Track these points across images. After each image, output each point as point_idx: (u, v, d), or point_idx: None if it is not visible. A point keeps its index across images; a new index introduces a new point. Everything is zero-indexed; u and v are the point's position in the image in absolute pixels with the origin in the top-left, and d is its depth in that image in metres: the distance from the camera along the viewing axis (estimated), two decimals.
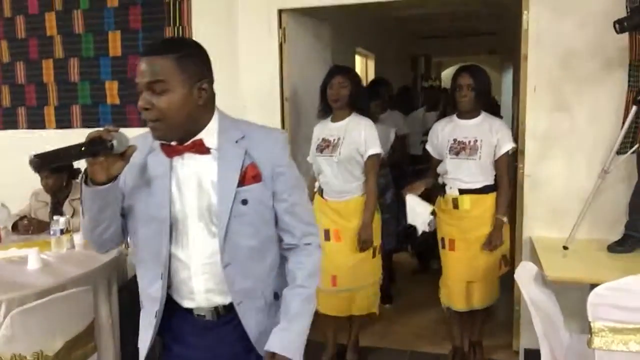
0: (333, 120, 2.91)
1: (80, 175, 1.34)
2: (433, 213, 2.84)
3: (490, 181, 2.82)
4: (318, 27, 3.69)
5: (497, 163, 2.80)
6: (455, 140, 2.83)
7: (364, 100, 2.92)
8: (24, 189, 3.33)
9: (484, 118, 2.82)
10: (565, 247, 2.64)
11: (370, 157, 2.83)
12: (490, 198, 2.82)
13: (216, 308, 1.44)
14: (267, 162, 1.41)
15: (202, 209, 1.39)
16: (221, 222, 1.37)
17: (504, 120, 3.13)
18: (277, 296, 1.49)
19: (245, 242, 1.40)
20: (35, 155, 1.20)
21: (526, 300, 2.13)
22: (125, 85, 3.77)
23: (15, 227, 3.20)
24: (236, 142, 1.40)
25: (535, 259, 2.61)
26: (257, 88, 3.34)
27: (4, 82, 4.09)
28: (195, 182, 1.39)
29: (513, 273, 2.20)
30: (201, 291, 1.42)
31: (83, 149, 1.22)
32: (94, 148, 1.23)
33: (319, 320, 2.93)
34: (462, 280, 2.88)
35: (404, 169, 4.14)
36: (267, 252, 1.47)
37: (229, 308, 1.44)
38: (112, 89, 3.83)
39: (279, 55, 3.29)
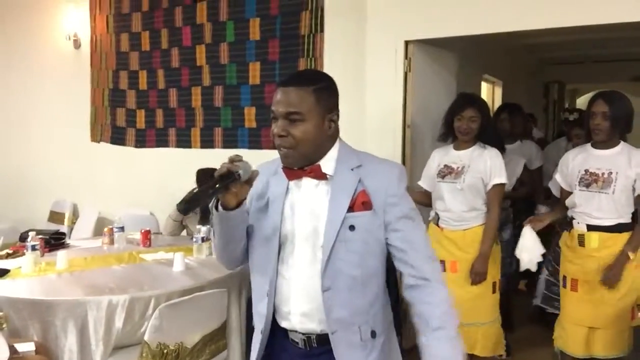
0: (456, 148, 2.91)
1: (212, 203, 1.43)
2: (543, 255, 2.72)
3: (625, 219, 2.58)
4: (444, 56, 3.77)
5: (637, 199, 2.58)
6: (586, 171, 2.64)
7: (490, 133, 2.90)
8: (175, 197, 3.76)
9: (622, 149, 2.61)
10: None
11: (494, 186, 2.79)
12: (623, 238, 2.57)
13: (309, 337, 1.45)
14: (380, 192, 1.42)
15: (310, 232, 1.43)
16: (326, 244, 1.40)
17: None
18: (374, 334, 1.46)
19: (349, 270, 1.41)
20: (181, 203, 1.32)
21: None
22: (262, 110, 4.13)
23: None
24: (352, 169, 1.44)
25: None
26: (380, 115, 3.50)
27: (158, 105, 4.66)
28: (307, 205, 1.45)
29: None
30: (297, 313, 1.44)
31: (217, 185, 1.33)
32: (225, 182, 1.34)
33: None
34: (582, 324, 2.66)
35: (530, 204, 3.80)
36: (369, 285, 1.45)
37: (323, 340, 1.44)
38: (250, 114, 4.21)
39: (404, 84, 3.42)
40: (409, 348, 2.85)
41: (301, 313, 1.44)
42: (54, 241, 3.36)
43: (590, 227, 2.61)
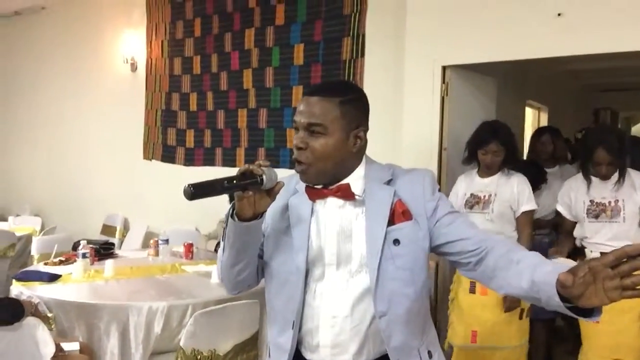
0: (481, 176, 2.92)
1: (228, 210, 1.31)
2: None
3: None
4: (482, 81, 3.81)
5: None
6: (592, 201, 2.65)
7: (515, 162, 2.91)
8: (219, 215, 3.91)
9: (627, 177, 2.61)
10: None
11: (523, 213, 2.79)
12: None
13: None
14: (418, 200, 1.33)
15: (342, 256, 1.32)
16: (371, 265, 1.28)
17: None
18: (431, 355, 1.38)
19: (402, 289, 1.30)
20: (190, 185, 1.19)
21: None
22: None
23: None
24: (384, 183, 1.35)
25: None
26: (417, 138, 3.56)
27: (207, 126, 4.89)
28: (336, 227, 1.33)
29: None
30: (327, 345, 1.32)
31: (235, 181, 1.22)
32: (244, 181, 1.22)
33: None
34: (605, 356, 2.60)
35: None
36: (422, 303, 1.36)
37: None
38: (291, 135, 4.35)
39: (440, 108, 3.48)
40: None
41: (332, 345, 1.31)
42: (104, 251, 3.57)
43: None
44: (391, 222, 1.30)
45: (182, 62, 5.00)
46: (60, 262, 3.24)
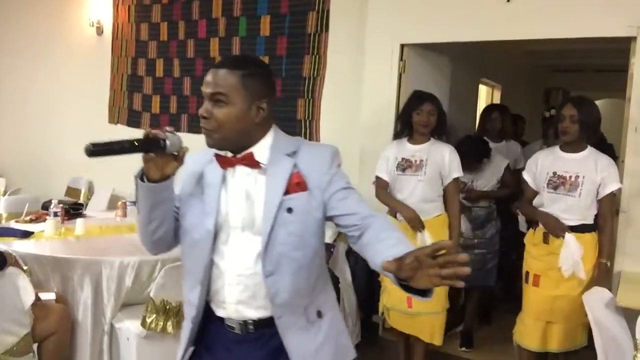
0: (412, 142, 3.03)
1: (136, 172, 1.40)
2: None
3: (588, 220, 2.70)
4: (438, 60, 4.05)
5: (600, 203, 2.68)
6: (554, 173, 2.73)
7: (444, 128, 3.06)
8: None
9: (589, 153, 2.70)
10: None
11: (453, 180, 2.96)
12: (586, 238, 2.67)
13: (245, 322, 1.44)
14: (315, 173, 1.43)
15: (247, 220, 1.42)
16: (264, 229, 1.38)
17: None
18: (320, 314, 1.47)
19: (290, 252, 1.40)
20: (91, 144, 1.23)
21: (590, 321, 2.27)
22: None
23: None
24: (287, 155, 1.44)
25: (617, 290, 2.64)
26: (374, 111, 3.80)
27: (173, 92, 4.98)
28: (243, 193, 1.43)
29: None
30: (232, 302, 1.43)
31: (136, 143, 1.29)
32: (146, 144, 1.31)
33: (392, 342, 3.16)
34: (540, 318, 2.74)
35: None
36: (311, 266, 1.45)
37: (259, 324, 1.44)
38: None
39: (398, 83, 3.72)
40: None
41: (236, 301, 1.43)
42: (73, 210, 3.70)
43: None
44: (287, 191, 1.41)
45: (149, 27, 5.05)
46: (31, 221, 3.37)
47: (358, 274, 3.59)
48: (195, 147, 1.53)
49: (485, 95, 6.25)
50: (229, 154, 1.44)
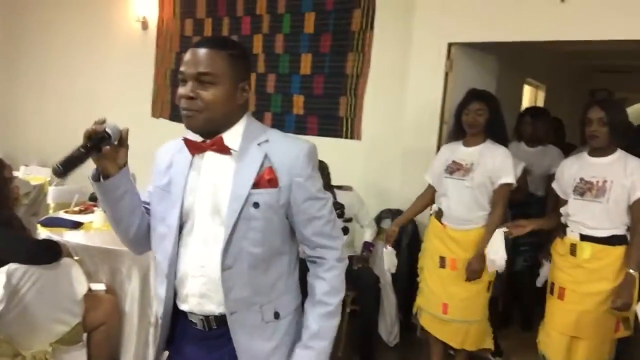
0: (466, 145, 2.89)
1: (91, 174, 1.38)
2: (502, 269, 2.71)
3: (620, 231, 2.48)
4: (485, 59, 3.98)
5: (631, 208, 2.45)
6: (581, 179, 2.56)
7: (500, 129, 2.87)
8: None
9: (618, 156, 2.51)
10: None
11: (501, 186, 2.76)
12: (617, 252, 2.47)
13: (207, 318, 1.39)
14: (286, 170, 1.35)
15: (211, 209, 1.35)
16: (228, 222, 1.32)
17: None
18: (277, 315, 1.41)
19: (250, 248, 1.34)
20: (57, 165, 1.25)
21: None
22: (310, 99, 4.44)
23: None
24: (259, 144, 1.36)
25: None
26: (419, 111, 3.76)
27: None
28: (211, 181, 1.36)
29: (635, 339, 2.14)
30: (195, 294, 1.37)
31: (88, 145, 1.28)
32: (96, 142, 1.29)
33: (427, 343, 3.08)
34: (565, 333, 2.59)
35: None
36: (272, 264, 1.39)
37: (222, 321, 1.38)
38: (298, 101, 4.52)
39: (444, 83, 3.67)
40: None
41: (199, 294, 1.37)
42: None
43: (584, 237, 2.53)
44: (256, 185, 1.34)
45: (194, 23, 5.11)
46: (80, 212, 3.45)
47: (398, 274, 3.56)
48: None
49: (529, 96, 6.13)
50: (199, 139, 1.38)
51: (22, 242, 2.32)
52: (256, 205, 1.33)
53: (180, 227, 1.37)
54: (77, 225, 3.13)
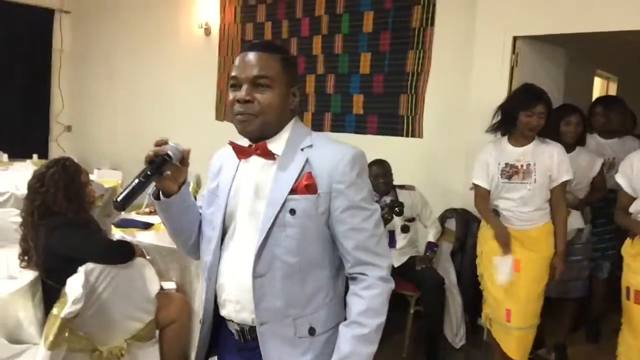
0: (514, 144, 2.73)
1: (150, 191, 1.38)
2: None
3: None
4: (552, 52, 3.83)
5: None
6: None
7: (549, 128, 2.75)
8: None
9: None
10: None
11: (562, 183, 2.68)
12: None
13: (243, 329, 1.35)
14: (326, 176, 1.29)
15: (251, 214, 1.33)
16: (263, 228, 1.29)
17: None
18: (313, 331, 1.31)
19: (284, 256, 1.29)
20: (116, 200, 1.22)
21: None
22: (369, 98, 4.42)
23: None
24: (302, 149, 1.33)
25: None
26: (484, 107, 3.64)
27: None
28: (252, 186, 1.34)
29: None
30: (232, 300, 1.34)
31: (150, 172, 1.27)
32: (156, 167, 1.28)
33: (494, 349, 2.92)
34: None
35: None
36: (309, 276, 1.31)
37: (257, 332, 1.32)
38: (358, 101, 4.51)
39: (509, 78, 3.56)
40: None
41: (235, 300, 1.34)
42: None
43: None
44: (294, 190, 1.29)
45: (254, 27, 5.20)
46: (150, 213, 3.58)
47: (464, 275, 3.49)
48: None
49: (600, 88, 5.85)
50: (246, 144, 1.37)
51: (99, 243, 2.44)
52: (292, 211, 1.28)
53: (225, 231, 1.37)
54: (148, 226, 3.25)
